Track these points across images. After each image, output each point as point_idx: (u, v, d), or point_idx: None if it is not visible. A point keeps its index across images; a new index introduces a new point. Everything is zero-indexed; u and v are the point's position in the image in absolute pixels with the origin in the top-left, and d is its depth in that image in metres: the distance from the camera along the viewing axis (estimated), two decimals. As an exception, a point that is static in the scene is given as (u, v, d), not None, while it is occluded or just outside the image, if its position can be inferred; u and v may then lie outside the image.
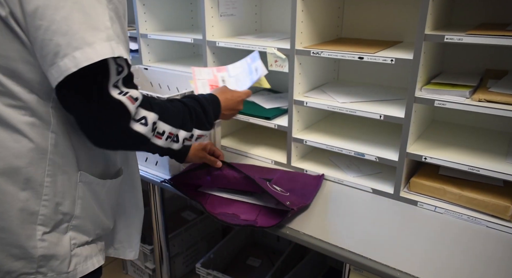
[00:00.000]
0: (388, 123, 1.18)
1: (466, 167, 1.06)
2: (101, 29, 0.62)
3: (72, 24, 0.60)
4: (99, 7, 0.63)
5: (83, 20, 0.61)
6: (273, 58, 1.31)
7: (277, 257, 1.82)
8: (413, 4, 1.34)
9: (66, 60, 0.61)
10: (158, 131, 0.78)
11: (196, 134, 0.90)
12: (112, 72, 0.66)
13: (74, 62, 0.61)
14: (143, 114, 0.73)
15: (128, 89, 0.70)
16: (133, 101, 0.70)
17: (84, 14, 0.61)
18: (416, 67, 1.05)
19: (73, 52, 0.61)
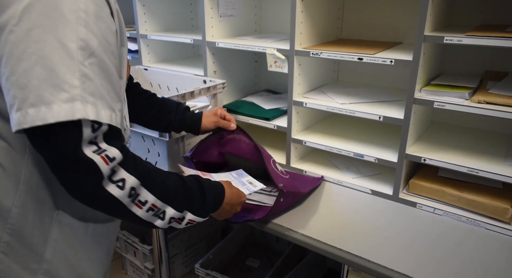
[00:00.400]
0: (388, 124, 1.18)
1: (465, 169, 1.06)
2: (63, 88, 0.56)
3: (31, 79, 0.55)
4: (70, 63, 0.57)
5: (45, 76, 0.56)
6: (273, 59, 1.31)
7: (276, 258, 1.82)
8: (413, 5, 1.33)
9: (19, 115, 0.56)
10: (140, 200, 0.68)
11: (188, 219, 0.78)
12: (85, 130, 0.60)
13: (27, 118, 0.56)
14: (122, 176, 0.65)
15: (108, 146, 0.63)
16: (107, 162, 0.62)
17: (48, 70, 0.56)
18: (415, 69, 1.04)
19: (28, 108, 0.56)
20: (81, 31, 0.58)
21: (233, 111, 1.50)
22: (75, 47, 0.57)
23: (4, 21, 0.56)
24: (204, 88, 1.36)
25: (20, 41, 0.56)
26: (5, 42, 0.56)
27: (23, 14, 0.55)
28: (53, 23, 0.56)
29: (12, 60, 0.56)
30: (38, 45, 0.56)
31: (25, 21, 0.56)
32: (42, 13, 0.56)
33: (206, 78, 1.48)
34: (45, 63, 0.56)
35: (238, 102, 1.61)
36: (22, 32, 0.55)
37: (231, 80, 1.61)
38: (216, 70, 1.54)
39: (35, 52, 0.56)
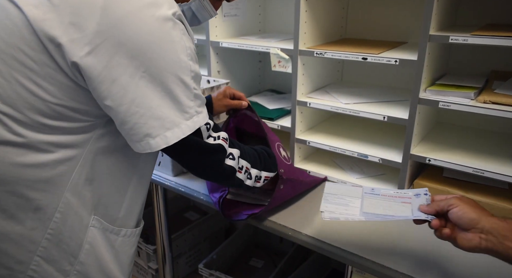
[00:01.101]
0: (392, 124, 1.17)
1: (470, 169, 1.05)
2: (186, 111, 0.72)
3: (165, 110, 0.70)
4: (187, 91, 0.72)
5: (173, 105, 0.71)
6: (277, 58, 1.30)
7: (279, 258, 1.81)
8: (417, 4, 1.33)
9: (158, 139, 0.71)
10: (239, 166, 0.89)
11: (264, 176, 0.98)
12: (203, 131, 0.78)
13: (165, 140, 0.71)
14: (229, 151, 0.86)
15: (218, 133, 0.83)
16: (226, 142, 0.84)
17: (174, 101, 0.71)
18: (420, 68, 1.04)
19: (165, 132, 0.71)
20: (191, 65, 0.72)
21: (237, 111, 1.50)
22: (189, 79, 0.72)
23: (134, 70, 0.67)
24: (208, 88, 1.35)
25: (150, 83, 0.68)
26: (136, 86, 0.68)
27: (149, 63, 0.67)
28: (173, 65, 0.70)
29: (146, 99, 0.69)
30: (165, 85, 0.69)
31: (152, 68, 0.68)
32: (164, 60, 0.69)
33: (210, 78, 1.48)
34: (171, 97, 0.70)
35: (242, 102, 1.61)
36: (151, 76, 0.68)
37: (235, 80, 1.61)
38: (220, 70, 1.54)
39: (162, 90, 0.69)
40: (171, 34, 0.69)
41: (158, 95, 0.69)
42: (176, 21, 0.70)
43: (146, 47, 0.67)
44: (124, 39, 0.65)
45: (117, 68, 0.66)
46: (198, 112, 0.75)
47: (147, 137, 0.71)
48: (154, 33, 0.67)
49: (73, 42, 0.64)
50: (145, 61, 0.67)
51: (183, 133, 0.72)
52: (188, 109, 0.73)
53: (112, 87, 0.67)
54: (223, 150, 0.83)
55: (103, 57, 0.65)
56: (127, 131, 0.72)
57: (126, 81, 0.67)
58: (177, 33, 0.70)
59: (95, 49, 0.65)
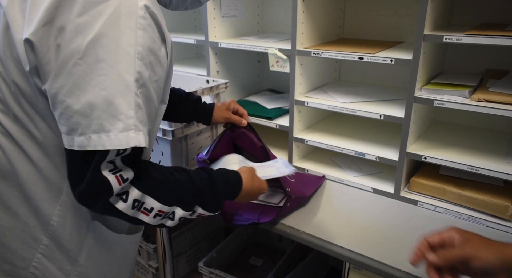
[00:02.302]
0: (388, 123, 1.18)
1: (466, 167, 1.06)
2: (120, 119, 0.63)
3: (94, 109, 0.62)
4: (127, 95, 0.63)
5: (105, 107, 0.62)
6: (274, 59, 1.32)
7: (279, 256, 1.83)
8: (413, 4, 1.34)
9: (83, 138, 0.63)
10: (146, 208, 0.72)
11: (198, 213, 0.81)
12: (110, 155, 0.65)
13: (90, 142, 0.63)
14: (127, 189, 0.70)
15: (124, 167, 0.68)
16: (120, 182, 0.67)
17: (108, 102, 0.62)
18: (415, 68, 1.05)
19: (91, 133, 0.63)
20: (137, 64, 0.63)
21: (236, 111, 1.52)
22: (132, 80, 0.63)
23: (69, 53, 0.61)
24: (207, 88, 1.37)
25: (85, 74, 0.61)
26: (69, 73, 0.61)
27: (87, 48, 0.60)
28: (115, 57, 0.61)
29: (77, 90, 0.61)
30: (101, 78, 0.61)
31: (89, 55, 0.61)
32: (105, 47, 0.61)
33: (209, 78, 1.50)
34: (106, 95, 0.62)
35: (241, 101, 1.62)
36: (87, 65, 0.61)
37: (233, 80, 1.62)
38: (218, 70, 1.55)
39: (98, 85, 0.61)
40: (121, 23, 0.62)
41: (90, 89, 0.61)
42: (137, 11, 0.63)
43: (89, 30, 0.61)
44: (69, 17, 0.62)
45: (58, 49, 0.62)
46: (138, 129, 0.64)
47: (73, 133, 0.64)
48: (103, 17, 0.61)
49: (29, 21, 0.63)
50: (82, 46, 0.61)
51: (110, 144, 0.62)
52: (124, 119, 0.63)
53: (49, 67, 0.63)
54: (107, 189, 0.66)
55: (51, 35, 0.62)
56: (57, 119, 0.66)
57: (59, 65, 0.62)
58: (131, 24, 0.62)
59: (45, 25, 0.62)
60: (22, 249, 0.75)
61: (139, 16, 0.63)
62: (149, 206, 0.72)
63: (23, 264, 0.76)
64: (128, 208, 0.70)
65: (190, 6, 0.88)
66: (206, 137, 1.44)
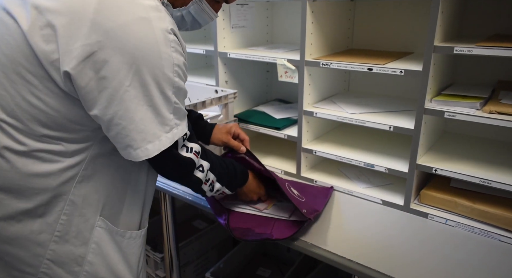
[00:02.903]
0: (398, 134, 1.17)
1: (477, 179, 1.04)
2: (166, 123, 0.75)
3: (147, 124, 0.73)
4: (166, 102, 0.74)
5: (154, 119, 0.73)
6: (283, 69, 1.32)
7: (287, 268, 1.81)
8: (423, 15, 1.34)
9: (139, 151, 0.74)
10: (206, 179, 0.91)
11: (222, 191, 1.01)
12: (179, 142, 0.81)
13: (146, 152, 0.74)
14: (200, 162, 0.88)
15: (191, 144, 0.85)
16: (197, 155, 0.86)
17: (155, 114, 0.73)
18: (425, 79, 1.04)
19: (146, 145, 0.74)
20: (176, 81, 0.74)
21: (244, 120, 1.52)
22: (171, 93, 0.74)
23: (118, 84, 0.69)
24: (216, 98, 1.38)
25: (135, 98, 0.71)
26: (121, 99, 0.70)
27: (134, 76, 0.69)
28: (158, 81, 0.72)
29: (129, 113, 0.71)
30: (148, 98, 0.72)
31: (137, 82, 0.70)
32: (150, 75, 0.70)
33: (217, 88, 1.51)
34: (153, 109, 0.73)
35: (249, 111, 1.63)
36: (135, 90, 0.70)
37: (242, 90, 1.63)
38: (227, 80, 1.56)
39: (145, 104, 0.72)
40: (160, 51, 0.70)
41: (140, 109, 0.71)
42: (168, 36, 0.71)
43: (132, 61, 0.68)
44: (111, 52, 0.67)
45: (103, 80, 0.68)
46: (177, 125, 0.78)
47: (128, 148, 0.74)
48: (143, 47, 0.69)
49: (65, 54, 0.67)
50: (130, 76, 0.69)
51: (163, 146, 0.75)
52: (168, 122, 0.75)
53: (98, 97, 0.70)
54: (192, 164, 0.85)
55: (92, 68, 0.68)
56: (112, 139, 0.75)
57: (110, 94, 0.69)
58: (167, 50, 0.71)
59: (85, 60, 0.67)
60: (29, 257, 0.76)
61: (171, 40, 0.72)
62: (208, 177, 0.92)
63: (32, 271, 0.77)
64: (204, 177, 0.90)
65: (190, 28, 0.95)
66: (215, 147, 1.44)
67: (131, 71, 0.69)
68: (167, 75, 0.73)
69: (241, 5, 1.53)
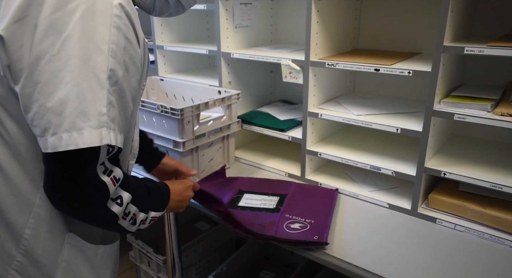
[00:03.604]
0: (405, 137, 1.14)
1: (488, 184, 1.01)
2: (93, 115, 0.61)
3: (67, 107, 0.60)
4: (99, 92, 0.62)
5: (77, 104, 0.61)
6: (288, 69, 1.30)
7: (290, 271, 1.78)
8: (431, 14, 1.31)
9: (54, 139, 0.61)
10: (125, 212, 0.72)
11: (151, 217, 0.81)
12: (102, 155, 0.65)
13: (61, 142, 0.61)
14: (119, 193, 0.71)
15: (113, 166, 0.68)
16: (115, 183, 0.69)
17: (81, 99, 0.61)
18: (434, 80, 1.01)
19: (62, 133, 0.61)
20: (111, 62, 0.63)
21: (248, 122, 1.49)
22: (105, 77, 0.62)
23: (42, 50, 0.60)
24: (219, 99, 1.35)
25: (58, 71, 0.60)
26: (43, 70, 0.60)
27: (61, 45, 0.60)
28: (88, 54, 0.61)
29: (49, 88, 0.60)
30: (73, 75, 0.60)
31: (63, 51, 0.60)
32: (79, 44, 0.61)
33: (221, 89, 1.48)
34: (79, 92, 0.61)
35: (253, 112, 1.60)
36: (60, 62, 0.60)
37: (246, 91, 1.61)
38: (231, 80, 1.54)
39: (70, 81, 0.60)
40: (96, 20, 0.62)
41: (63, 86, 0.60)
42: (112, 9, 0.63)
43: (62, 28, 0.61)
44: (42, 16, 0.61)
45: (30, 47, 0.61)
46: (110, 127, 0.63)
47: (45, 133, 0.61)
48: (77, 14, 0.61)
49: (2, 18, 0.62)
50: (57, 43, 0.60)
51: (83, 142, 0.61)
52: (97, 115, 0.62)
53: (23, 67, 0.61)
54: (105, 192, 0.67)
55: (24, 31, 0.61)
56: (30, 122, 0.63)
57: (33, 62, 0.61)
58: (106, 21, 0.62)
59: (19, 21, 0.61)
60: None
61: (114, 14, 0.63)
62: (127, 210, 0.73)
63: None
64: (121, 212, 0.71)
65: (174, 12, 0.88)
66: (217, 149, 1.42)
67: (59, 39, 0.60)
68: (101, 51, 0.62)
69: (245, 4, 1.51)
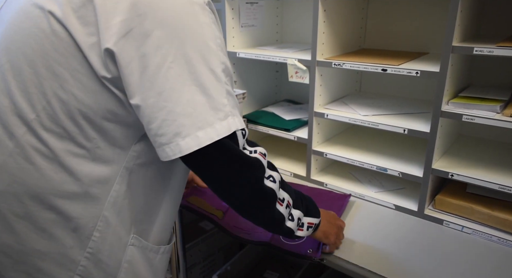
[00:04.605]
0: (412, 137, 1.13)
1: (496, 186, 1.00)
2: (219, 108, 0.65)
3: (196, 106, 0.63)
4: (218, 86, 0.65)
5: (205, 101, 0.64)
6: (294, 69, 1.29)
7: (295, 271, 1.78)
8: (439, 14, 1.29)
9: (189, 140, 0.63)
10: (279, 197, 0.75)
11: (307, 222, 0.83)
12: (239, 138, 0.68)
13: (197, 141, 0.63)
14: (269, 173, 0.74)
15: (254, 147, 0.73)
16: (264, 157, 0.72)
17: (206, 96, 0.64)
18: (442, 80, 1.00)
19: (196, 132, 0.63)
20: (221, 56, 0.67)
21: (253, 121, 1.49)
22: (220, 71, 0.66)
23: (160, 61, 0.62)
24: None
25: (179, 76, 0.62)
26: (165, 78, 0.62)
27: (177, 51, 0.62)
28: (203, 55, 0.64)
29: (176, 93, 0.62)
30: (195, 76, 0.63)
31: (180, 57, 0.62)
32: (193, 48, 0.63)
33: (226, 88, 1.48)
34: (203, 90, 0.64)
35: (258, 112, 1.60)
36: (180, 67, 0.63)
37: (251, 90, 1.60)
38: (236, 80, 1.53)
39: (193, 83, 0.63)
40: (199, 20, 0.64)
41: (187, 89, 0.63)
42: (205, 7, 0.66)
43: (174, 34, 0.62)
44: (151, 26, 0.62)
45: (143, 58, 0.62)
46: (233, 114, 0.67)
47: (176, 138, 0.63)
48: (182, 18, 0.63)
49: (105, 31, 0.62)
50: (173, 49, 0.62)
51: (217, 134, 0.64)
52: (222, 107, 0.65)
53: (139, 80, 0.63)
54: (261, 167, 0.70)
55: (133, 45, 0.62)
56: (155, 132, 0.64)
57: (153, 73, 0.62)
58: (206, 19, 0.65)
59: (126, 35, 0.62)
60: (59, 273, 0.72)
61: (209, 11, 0.66)
62: (281, 196, 0.75)
63: None
64: (277, 188, 0.73)
65: None
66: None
67: (174, 45, 0.62)
68: (212, 48, 0.65)
69: (250, 3, 1.50)
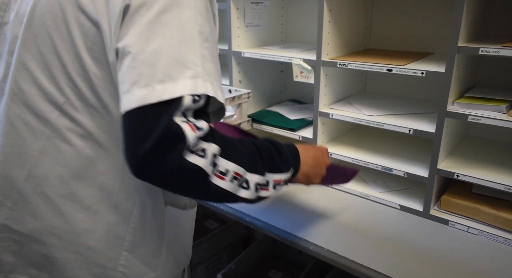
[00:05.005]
0: (418, 137, 1.13)
1: (502, 186, 1.00)
2: (188, 66, 0.60)
3: (160, 58, 0.59)
4: (192, 44, 0.62)
5: (173, 55, 0.60)
6: (299, 69, 1.29)
7: (299, 271, 1.78)
8: (444, 14, 1.29)
9: (146, 91, 0.58)
10: (221, 170, 0.63)
11: (272, 180, 0.73)
12: (187, 101, 0.59)
13: (153, 94, 0.57)
14: (202, 146, 0.60)
15: (195, 120, 0.61)
16: (194, 130, 0.59)
17: (175, 50, 0.60)
18: (448, 81, 1.00)
19: (155, 84, 0.58)
20: (198, 17, 0.64)
21: (258, 121, 1.49)
22: (196, 30, 0.63)
23: (135, 9, 0.61)
24: (229, 98, 1.35)
25: (150, 24, 0.60)
26: (137, 25, 0.61)
27: (153, 1, 0.61)
28: (179, 8, 0.62)
29: (141, 40, 0.60)
30: (166, 28, 0.61)
31: (155, 7, 0.61)
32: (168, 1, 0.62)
33: (231, 88, 1.48)
34: (173, 43, 0.60)
35: (263, 112, 1.60)
36: (152, 16, 0.61)
37: (256, 90, 1.61)
38: (241, 79, 1.54)
39: (163, 34, 0.60)
40: None
41: (155, 38, 0.60)
42: None
43: None
44: None
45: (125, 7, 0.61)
46: (206, 80, 0.61)
47: (134, 87, 0.58)
48: None
49: None
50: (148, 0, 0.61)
51: (178, 90, 0.58)
52: (192, 66, 0.60)
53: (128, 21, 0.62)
54: (180, 138, 0.57)
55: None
56: (120, 80, 0.61)
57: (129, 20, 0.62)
58: None
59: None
60: (108, 250, 0.74)
61: None
62: (223, 168, 0.63)
63: (112, 265, 0.74)
64: (207, 164, 0.60)
65: None
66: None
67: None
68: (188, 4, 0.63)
69: (256, 3, 1.50)
